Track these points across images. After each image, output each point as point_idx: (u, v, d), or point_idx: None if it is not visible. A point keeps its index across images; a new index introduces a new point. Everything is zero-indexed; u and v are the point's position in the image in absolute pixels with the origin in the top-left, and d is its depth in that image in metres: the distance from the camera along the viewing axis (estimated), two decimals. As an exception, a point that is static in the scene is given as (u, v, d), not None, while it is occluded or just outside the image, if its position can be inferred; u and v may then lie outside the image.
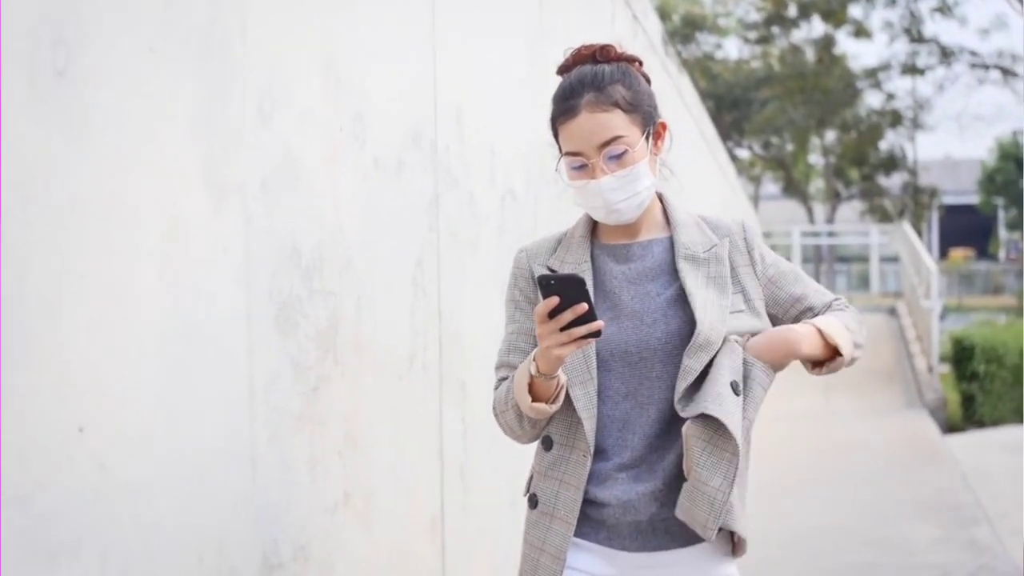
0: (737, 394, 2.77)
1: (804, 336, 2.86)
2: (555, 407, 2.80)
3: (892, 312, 25.88)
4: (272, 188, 2.89)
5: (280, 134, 2.93)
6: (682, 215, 3.02)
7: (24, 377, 2.03)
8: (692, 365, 2.79)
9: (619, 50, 2.96)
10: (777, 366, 2.87)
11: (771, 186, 53.51)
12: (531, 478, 2.99)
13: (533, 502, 2.94)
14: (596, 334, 2.61)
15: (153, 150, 2.41)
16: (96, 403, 2.23)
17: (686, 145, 12.72)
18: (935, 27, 70.05)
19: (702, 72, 43.68)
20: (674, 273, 2.91)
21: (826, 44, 43.79)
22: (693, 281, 2.88)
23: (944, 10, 40.98)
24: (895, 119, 44.97)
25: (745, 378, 2.82)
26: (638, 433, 2.86)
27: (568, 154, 2.88)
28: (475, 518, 4.37)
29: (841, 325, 2.93)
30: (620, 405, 2.86)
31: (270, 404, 2.89)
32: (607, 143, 2.83)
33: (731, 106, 44.42)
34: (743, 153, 48.44)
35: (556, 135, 2.93)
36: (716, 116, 38.75)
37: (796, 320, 3.00)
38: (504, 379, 2.97)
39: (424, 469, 3.93)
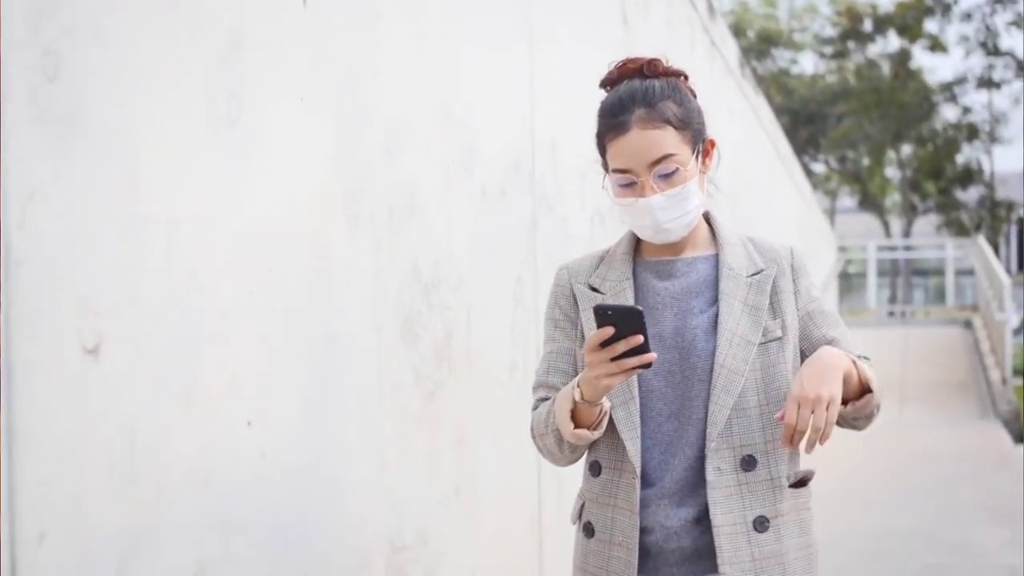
0: (761, 531, 2.73)
1: (840, 363, 2.66)
2: (597, 434, 2.73)
3: (967, 325, 26.00)
4: (397, 215, 3.28)
5: (403, 167, 3.32)
6: (729, 234, 2.91)
7: (203, 377, 2.43)
8: (718, 412, 2.72)
9: (666, 64, 2.85)
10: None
11: (847, 200, 53.33)
12: (582, 505, 2.91)
13: (589, 531, 2.85)
14: (647, 366, 2.53)
15: (303, 184, 2.81)
16: (261, 401, 2.62)
17: (763, 165, 13.05)
18: (1011, 40, 69.41)
19: (778, 87, 43.83)
20: (717, 291, 2.81)
21: (902, 58, 43.75)
22: (728, 308, 2.78)
23: (1020, 24, 40.90)
24: (971, 133, 44.79)
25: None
26: (679, 455, 2.75)
27: (616, 171, 2.76)
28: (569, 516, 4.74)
29: (871, 371, 2.78)
30: (663, 426, 2.76)
31: (396, 406, 3.28)
32: (658, 161, 2.71)
33: (807, 121, 44.47)
34: (819, 167, 48.42)
35: (603, 151, 2.81)
36: (792, 131, 38.91)
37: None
38: (543, 399, 2.91)
39: (524, 469, 4.30)
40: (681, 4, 7.48)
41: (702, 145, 2.81)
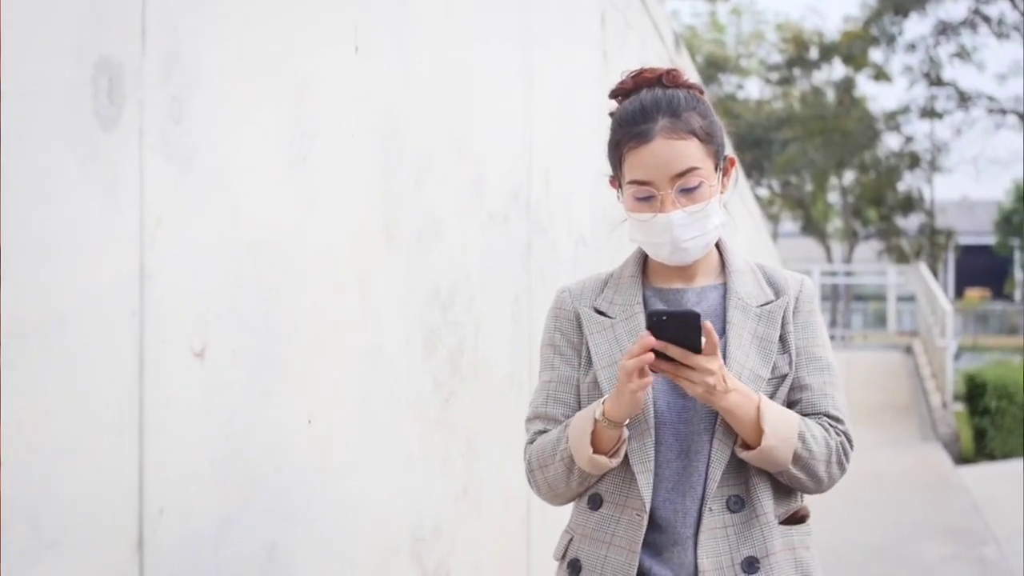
0: (751, 572, 2.59)
1: (743, 402, 2.55)
2: (616, 461, 2.58)
3: (908, 350, 26.64)
4: (423, 239, 3.63)
5: (428, 196, 3.67)
6: (739, 261, 2.75)
7: (278, 379, 2.77)
8: (721, 450, 2.61)
9: (685, 76, 2.72)
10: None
11: (790, 224, 54.03)
12: (569, 541, 2.77)
13: (575, 568, 2.70)
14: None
15: (354, 212, 3.16)
16: (318, 402, 2.97)
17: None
18: (954, 72, 70.86)
19: (724, 112, 44.34)
20: (726, 323, 2.67)
21: (846, 87, 44.45)
22: (736, 340, 2.63)
23: (963, 55, 41.58)
24: (913, 161, 45.47)
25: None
26: (688, 495, 2.62)
27: (634, 183, 2.62)
28: (553, 520, 5.10)
29: (793, 426, 2.60)
30: (672, 463, 2.62)
31: (419, 411, 3.63)
32: (682, 174, 2.57)
33: (752, 146, 45.11)
34: (763, 192, 49.06)
35: (619, 162, 2.68)
36: (737, 155, 39.39)
37: (786, 403, 2.69)
38: (541, 432, 2.78)
39: (517, 473, 4.65)
40: (652, 39, 7.87)
41: (723, 163, 2.69)
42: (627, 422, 2.57)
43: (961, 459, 17.53)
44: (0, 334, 1.89)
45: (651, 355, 2.45)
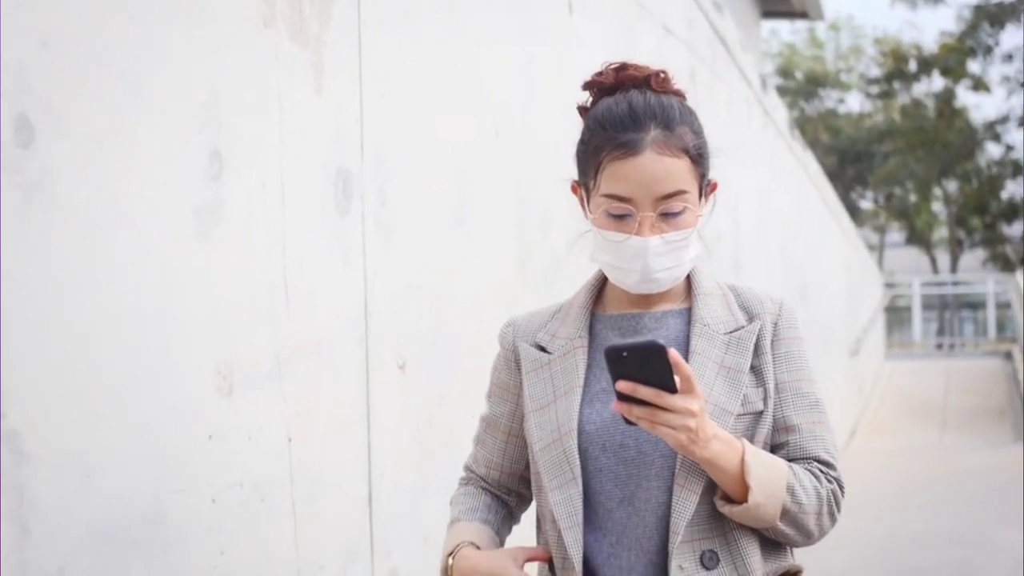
0: (709, 567, 2.24)
1: (726, 455, 2.19)
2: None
3: (1008, 356, 27.15)
4: (548, 276, 4.64)
5: (551, 243, 4.69)
6: (709, 283, 2.42)
7: (449, 386, 3.79)
8: (685, 498, 2.24)
9: (674, 82, 2.39)
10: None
11: (895, 234, 54.12)
12: None
13: None
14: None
15: (500, 260, 4.18)
16: (477, 403, 3.97)
17: (812, 213, 14.38)
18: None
19: (825, 127, 44.87)
20: (689, 352, 2.32)
21: (946, 98, 44.39)
22: (699, 371, 2.27)
23: (1060, 64, 41.69)
24: (1015, 169, 45.38)
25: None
26: (635, 548, 2.28)
27: (611, 197, 2.27)
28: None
29: (782, 478, 2.23)
30: (614, 512, 2.28)
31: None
32: (667, 196, 2.25)
33: (854, 159, 45.45)
34: (867, 204, 49.42)
35: (595, 170, 2.31)
36: (839, 169, 40.00)
37: (769, 446, 2.33)
38: (465, 478, 2.77)
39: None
40: (739, 84, 8.84)
41: (707, 186, 2.38)
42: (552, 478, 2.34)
43: (1050, 458, 18.27)
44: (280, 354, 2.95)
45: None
